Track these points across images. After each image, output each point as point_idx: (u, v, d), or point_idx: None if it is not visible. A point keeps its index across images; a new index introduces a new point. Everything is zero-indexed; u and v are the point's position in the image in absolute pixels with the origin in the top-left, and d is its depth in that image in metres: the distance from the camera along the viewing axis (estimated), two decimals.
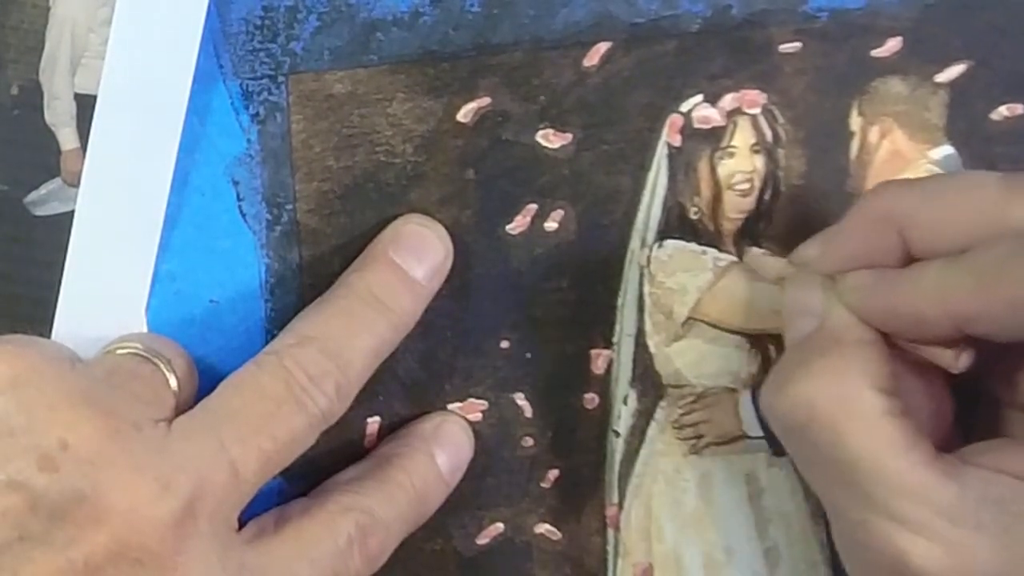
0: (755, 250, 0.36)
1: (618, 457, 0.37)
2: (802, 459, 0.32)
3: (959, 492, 0.28)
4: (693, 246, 0.36)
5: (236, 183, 0.33)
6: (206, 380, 0.32)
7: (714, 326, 0.36)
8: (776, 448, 0.37)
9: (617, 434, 0.37)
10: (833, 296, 0.32)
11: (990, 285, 0.28)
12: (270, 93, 0.33)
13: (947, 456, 0.29)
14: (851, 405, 0.30)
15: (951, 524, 0.28)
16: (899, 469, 0.29)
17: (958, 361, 0.31)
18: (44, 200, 0.33)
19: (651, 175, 0.35)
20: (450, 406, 0.36)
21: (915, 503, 0.28)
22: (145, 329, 0.33)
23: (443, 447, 0.35)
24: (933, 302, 0.29)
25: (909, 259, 0.31)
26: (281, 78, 0.33)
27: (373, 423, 0.35)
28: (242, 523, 0.31)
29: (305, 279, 0.34)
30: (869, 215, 0.31)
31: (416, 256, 0.33)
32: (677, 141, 0.35)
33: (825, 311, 0.32)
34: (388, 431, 0.35)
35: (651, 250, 0.36)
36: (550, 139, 0.34)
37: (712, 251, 0.36)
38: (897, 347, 0.31)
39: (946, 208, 0.30)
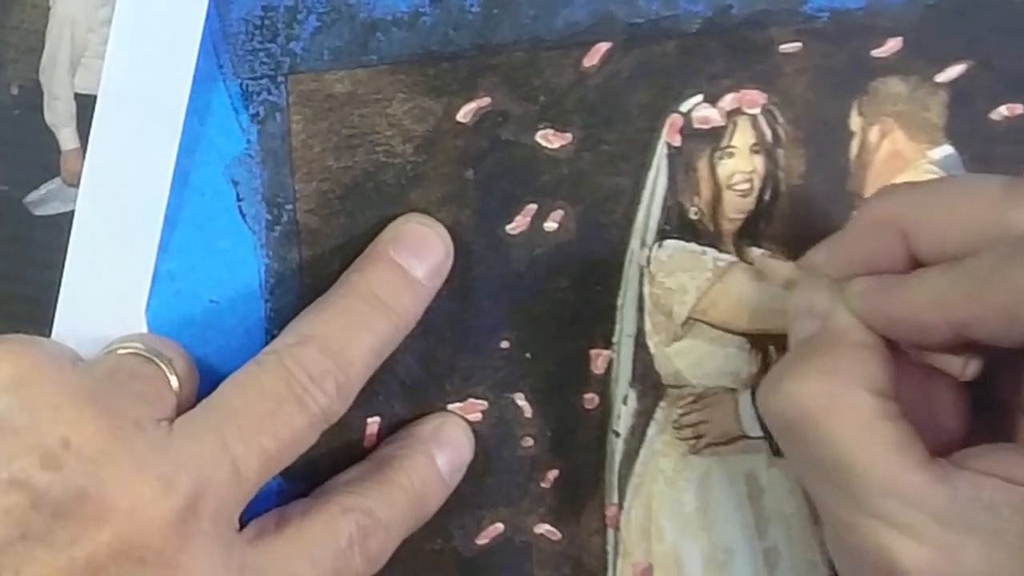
0: (759, 252, 0.36)
1: (618, 457, 0.37)
2: (794, 458, 0.32)
3: (950, 495, 0.28)
4: (693, 246, 0.36)
5: (236, 183, 0.33)
6: (206, 380, 0.32)
7: (714, 326, 0.36)
8: (776, 448, 0.37)
9: (617, 434, 0.37)
10: (838, 299, 0.32)
11: (985, 291, 0.28)
12: (270, 93, 0.33)
13: (940, 460, 0.29)
14: (842, 405, 0.30)
15: (941, 526, 0.28)
16: (889, 471, 0.29)
17: (966, 369, 0.31)
18: (44, 200, 0.33)
19: (651, 175, 0.35)
20: (450, 406, 0.36)
21: (905, 505, 0.28)
22: (145, 329, 0.33)
23: (443, 448, 0.35)
24: (931, 308, 0.29)
25: (915, 262, 0.31)
26: (281, 78, 0.33)
27: (373, 423, 0.35)
28: (243, 524, 0.31)
29: (305, 279, 0.34)
30: (872, 219, 0.31)
31: (417, 255, 0.33)
32: (677, 141, 0.35)
33: (828, 313, 0.32)
34: (388, 431, 0.35)
35: (651, 250, 0.36)
36: (550, 139, 0.34)
37: (712, 251, 0.36)
38: (907, 353, 0.31)
39: (947, 212, 0.30)
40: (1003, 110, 0.35)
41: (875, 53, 0.35)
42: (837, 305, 0.32)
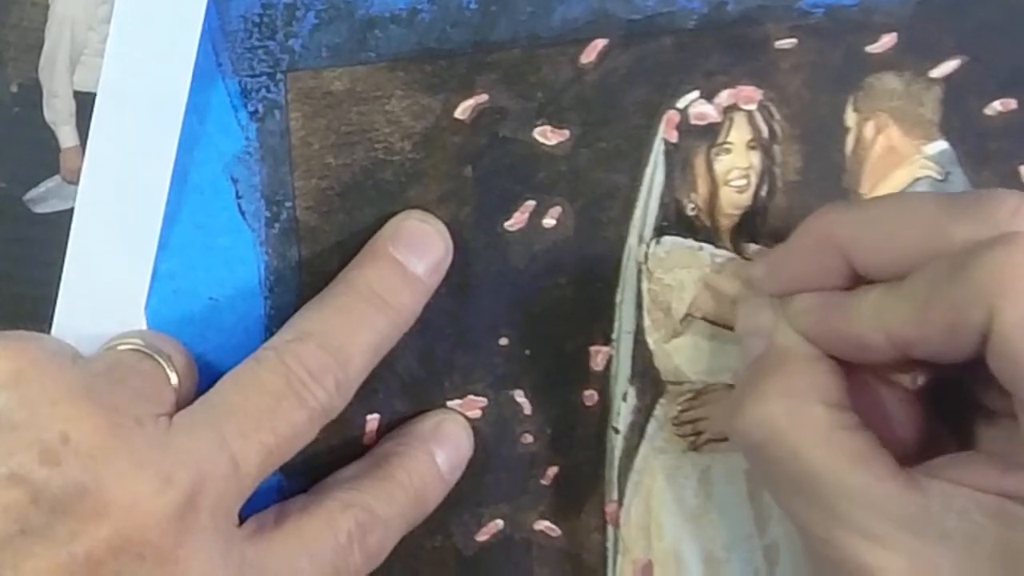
0: (755, 248, 0.36)
1: (617, 454, 0.37)
2: (766, 478, 0.32)
3: (922, 504, 0.28)
4: (690, 242, 0.36)
5: (235, 181, 0.33)
6: (205, 377, 0.32)
7: (713, 322, 0.36)
8: None
9: (616, 431, 0.37)
10: (781, 317, 0.32)
11: (925, 310, 0.28)
12: (268, 91, 0.33)
13: (908, 469, 0.29)
14: (804, 421, 0.30)
15: (915, 536, 0.28)
16: (860, 482, 0.29)
17: (915, 380, 0.31)
18: (43, 198, 0.33)
19: (648, 172, 0.35)
20: (449, 403, 0.36)
21: (878, 515, 0.28)
22: (144, 327, 0.33)
23: (442, 445, 0.35)
24: (873, 329, 0.29)
25: (856, 278, 0.31)
26: (279, 76, 0.33)
27: (372, 420, 0.35)
28: (242, 519, 0.31)
29: (304, 276, 0.34)
30: (811, 238, 0.32)
31: (416, 252, 0.33)
32: (674, 137, 0.35)
33: (773, 332, 0.32)
34: (387, 428, 0.35)
35: (649, 246, 0.36)
36: (548, 136, 0.35)
37: (709, 247, 0.36)
38: (856, 366, 0.31)
39: (886, 231, 0.30)
40: (997, 105, 0.36)
41: (869, 49, 0.35)
42: (781, 323, 0.32)
